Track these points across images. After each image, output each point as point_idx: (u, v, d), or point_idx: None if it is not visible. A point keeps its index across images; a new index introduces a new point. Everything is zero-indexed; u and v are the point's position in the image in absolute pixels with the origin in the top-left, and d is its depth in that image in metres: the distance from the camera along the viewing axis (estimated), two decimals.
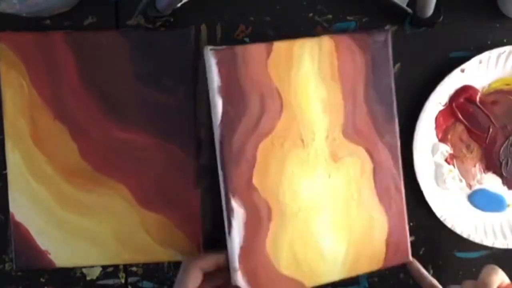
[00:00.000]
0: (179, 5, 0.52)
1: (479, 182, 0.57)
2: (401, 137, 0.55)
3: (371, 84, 0.53)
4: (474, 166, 0.57)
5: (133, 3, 0.54)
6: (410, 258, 0.55)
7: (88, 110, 0.53)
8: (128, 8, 0.54)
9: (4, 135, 0.53)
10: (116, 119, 0.54)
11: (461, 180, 0.57)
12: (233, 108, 0.49)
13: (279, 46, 0.51)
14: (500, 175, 0.57)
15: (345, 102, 0.52)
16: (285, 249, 0.51)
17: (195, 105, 0.54)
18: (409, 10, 0.53)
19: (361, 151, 0.53)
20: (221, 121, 0.49)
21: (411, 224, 0.57)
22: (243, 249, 0.50)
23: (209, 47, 0.49)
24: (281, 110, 0.51)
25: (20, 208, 0.54)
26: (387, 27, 0.55)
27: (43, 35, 0.53)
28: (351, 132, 0.53)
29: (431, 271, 0.57)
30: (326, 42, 0.52)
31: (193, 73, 0.54)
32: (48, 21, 0.54)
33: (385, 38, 0.53)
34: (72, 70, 0.53)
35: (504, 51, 0.54)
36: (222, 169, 0.49)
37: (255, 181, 0.50)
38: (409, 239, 0.55)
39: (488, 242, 0.56)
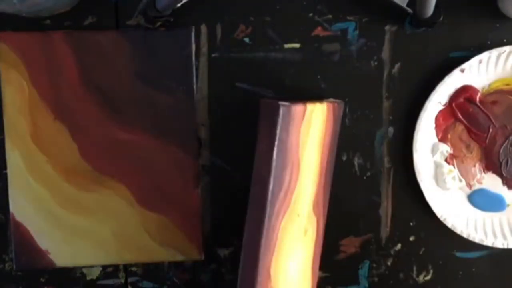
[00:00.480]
0: (179, 5, 0.52)
1: (479, 182, 0.57)
2: (401, 137, 0.55)
3: (332, 154, 0.52)
4: (474, 166, 0.57)
5: (133, 3, 0.54)
6: None
7: (88, 109, 0.53)
8: (128, 8, 0.54)
9: (4, 135, 0.54)
10: (116, 119, 0.54)
11: (461, 180, 0.57)
12: (278, 179, 0.43)
13: (311, 109, 0.45)
14: (500, 175, 0.57)
15: (320, 173, 0.50)
16: None
17: (195, 105, 0.54)
18: (409, 10, 0.53)
19: (316, 223, 0.51)
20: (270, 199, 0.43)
21: (411, 224, 0.57)
22: None
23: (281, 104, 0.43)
24: (296, 183, 0.46)
25: (20, 208, 0.54)
26: (387, 27, 0.55)
27: (43, 35, 0.53)
28: (315, 205, 0.50)
29: (431, 271, 0.57)
30: (324, 109, 0.48)
31: (193, 73, 0.54)
32: (48, 21, 0.54)
33: (343, 108, 0.53)
34: (72, 70, 0.53)
35: (504, 51, 0.54)
36: (256, 258, 0.44)
37: (272, 270, 0.45)
38: None
39: (488, 242, 0.56)
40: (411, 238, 0.56)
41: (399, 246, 0.57)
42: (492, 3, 0.55)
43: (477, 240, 0.56)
